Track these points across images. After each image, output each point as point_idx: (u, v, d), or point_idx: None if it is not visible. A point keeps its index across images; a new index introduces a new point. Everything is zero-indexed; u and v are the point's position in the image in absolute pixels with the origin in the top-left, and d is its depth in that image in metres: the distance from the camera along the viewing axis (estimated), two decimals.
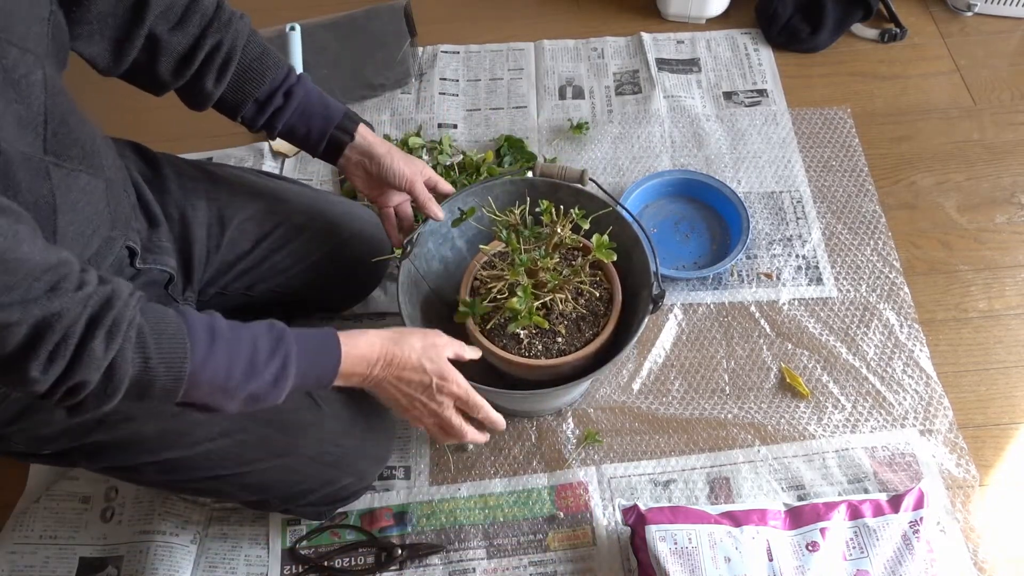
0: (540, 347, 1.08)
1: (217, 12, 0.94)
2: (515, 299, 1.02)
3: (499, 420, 1.00)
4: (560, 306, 1.07)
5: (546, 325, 1.06)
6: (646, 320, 1.05)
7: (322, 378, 0.85)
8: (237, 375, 0.76)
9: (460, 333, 1.06)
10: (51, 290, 0.65)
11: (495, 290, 1.05)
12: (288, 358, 0.79)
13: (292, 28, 1.72)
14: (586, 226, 1.07)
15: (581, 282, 1.08)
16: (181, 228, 1.06)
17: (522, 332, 1.08)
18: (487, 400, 0.99)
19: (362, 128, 1.06)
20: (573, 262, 1.13)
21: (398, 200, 1.13)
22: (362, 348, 0.87)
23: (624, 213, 1.14)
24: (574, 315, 1.10)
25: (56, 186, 0.76)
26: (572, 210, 1.07)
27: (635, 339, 1.04)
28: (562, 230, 1.06)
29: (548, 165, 1.22)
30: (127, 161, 1.02)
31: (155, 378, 0.72)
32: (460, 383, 0.94)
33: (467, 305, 1.08)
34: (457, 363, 0.96)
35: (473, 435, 1.00)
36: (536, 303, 1.05)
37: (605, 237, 1.05)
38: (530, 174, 1.25)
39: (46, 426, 0.89)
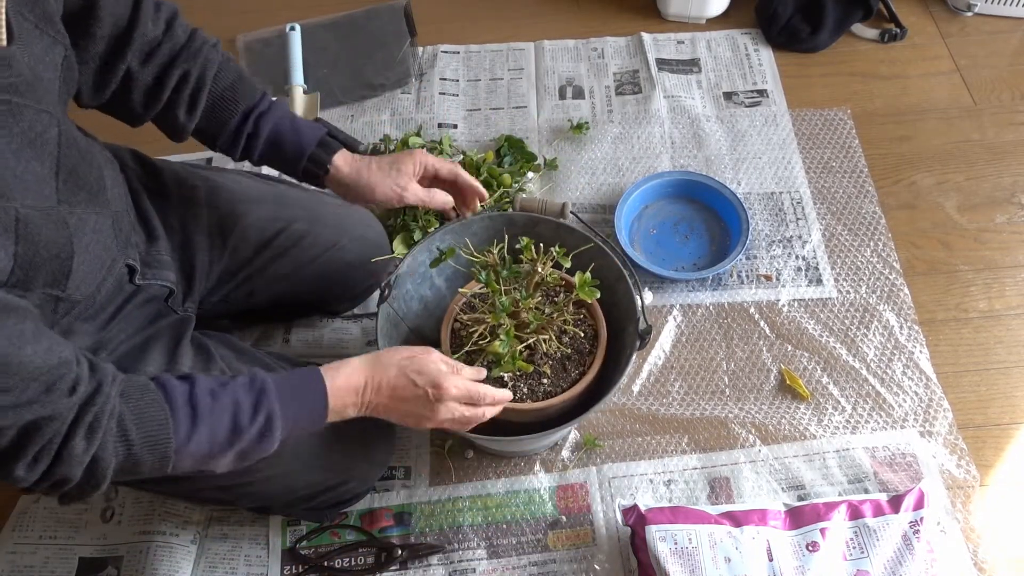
0: (525, 389, 1.04)
1: (188, 42, 0.93)
2: (497, 343, 0.98)
3: (506, 396, 0.97)
4: (544, 346, 1.03)
5: (530, 369, 1.02)
6: (633, 357, 1.03)
7: (314, 418, 0.85)
8: (221, 441, 0.78)
9: None
10: (45, 392, 0.66)
11: (476, 334, 1.01)
12: (272, 412, 0.80)
13: (292, 28, 1.72)
14: (567, 264, 1.03)
15: (565, 321, 1.04)
16: (182, 238, 1.05)
17: (506, 376, 1.03)
18: (475, 444, 0.99)
19: (337, 159, 1.01)
20: (556, 299, 1.09)
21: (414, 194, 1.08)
22: (345, 378, 0.86)
23: (607, 248, 1.10)
24: (559, 355, 1.06)
25: (73, 232, 0.77)
26: (553, 248, 1.03)
27: (624, 376, 1.01)
28: (543, 268, 1.02)
29: (528, 199, 1.19)
30: (128, 172, 1.02)
31: (140, 461, 0.73)
32: (457, 385, 0.91)
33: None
34: None
35: (492, 410, 0.96)
36: (519, 345, 1.01)
37: (587, 275, 1.00)
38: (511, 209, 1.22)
39: None
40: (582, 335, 1.08)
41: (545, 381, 1.05)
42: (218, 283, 1.11)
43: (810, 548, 1.04)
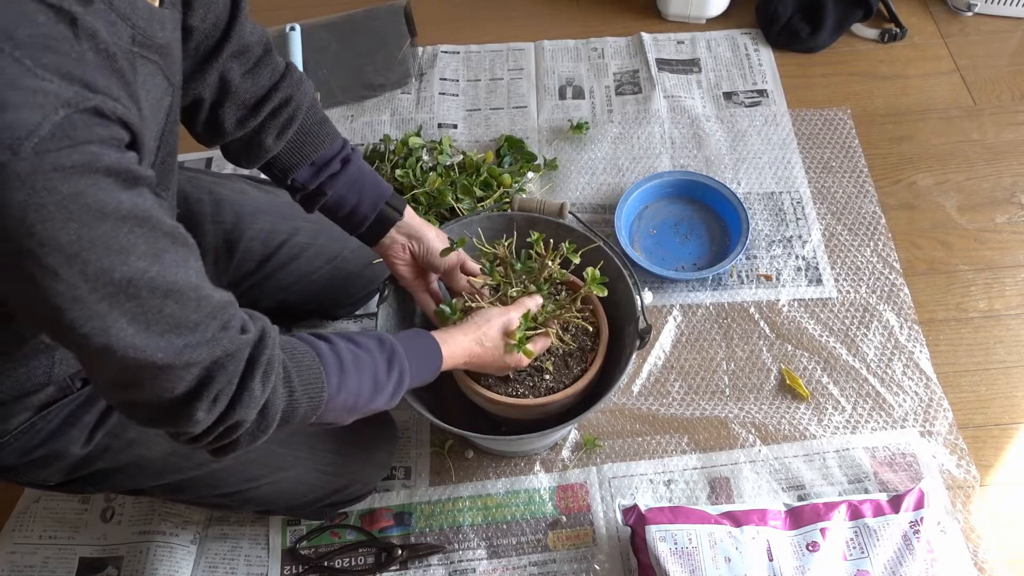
0: (529, 384, 1.05)
1: (288, 69, 0.93)
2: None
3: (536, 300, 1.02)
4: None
5: (531, 355, 1.00)
6: (633, 356, 1.03)
7: (425, 381, 0.89)
8: (365, 395, 0.80)
9: None
10: (223, 329, 0.64)
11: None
12: (403, 372, 0.83)
13: (292, 28, 1.72)
14: (577, 260, 1.02)
15: (572, 316, 1.04)
16: None
17: (511, 373, 1.04)
18: (475, 444, 1.02)
19: (408, 208, 1.03)
20: (557, 296, 1.08)
21: (434, 280, 1.09)
22: (456, 354, 0.92)
23: (607, 248, 1.11)
24: (561, 351, 1.07)
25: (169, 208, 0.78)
26: (563, 244, 1.03)
27: (624, 376, 1.02)
28: (552, 263, 1.03)
29: (527, 199, 1.18)
30: None
31: (297, 408, 0.73)
32: (533, 353, 0.99)
33: (448, 306, 1.02)
34: (452, 407, 1.03)
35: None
36: (532, 333, 1.00)
37: (597, 271, 1.01)
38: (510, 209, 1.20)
39: (58, 460, 0.88)
40: (585, 332, 1.08)
41: (547, 377, 1.05)
42: None
43: (810, 548, 1.04)
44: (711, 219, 1.46)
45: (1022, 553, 1.11)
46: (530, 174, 1.51)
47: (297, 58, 1.68)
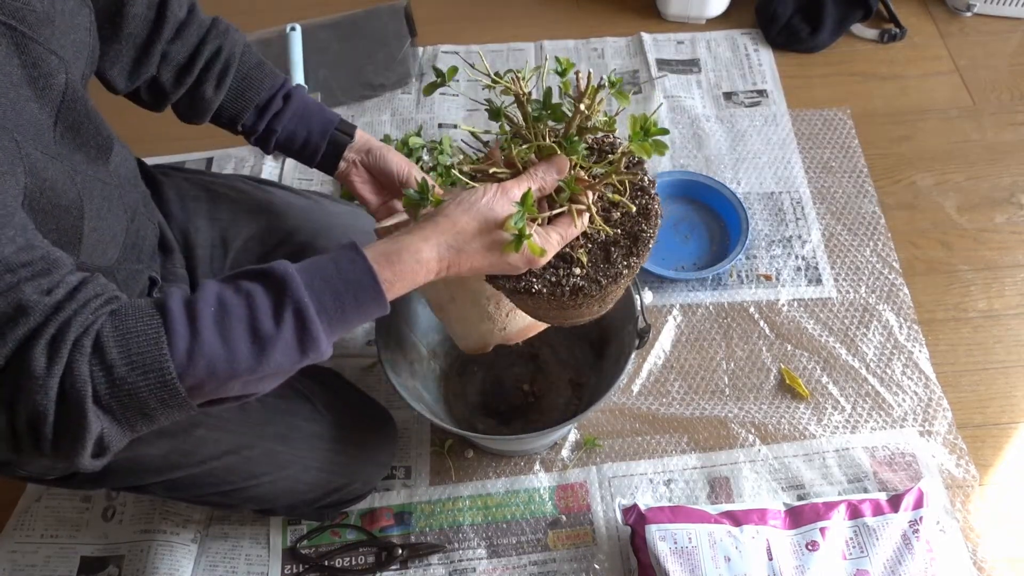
0: (551, 279, 0.76)
1: (214, 22, 0.95)
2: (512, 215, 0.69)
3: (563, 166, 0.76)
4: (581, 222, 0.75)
5: (540, 253, 0.71)
6: (633, 355, 1.02)
7: (365, 317, 0.68)
8: (243, 355, 0.62)
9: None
10: (25, 282, 0.57)
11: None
12: (303, 313, 0.63)
13: (292, 28, 1.72)
14: (627, 102, 0.71)
15: (620, 183, 0.76)
16: (184, 251, 1.05)
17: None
18: (475, 444, 0.97)
19: (358, 130, 1.04)
20: (603, 158, 0.80)
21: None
22: (410, 270, 0.69)
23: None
24: (602, 237, 0.78)
25: (81, 190, 0.74)
26: (606, 75, 0.73)
27: (623, 375, 1.01)
28: (592, 105, 0.73)
29: None
30: None
31: (135, 390, 0.59)
32: (544, 251, 0.72)
33: (420, 189, 0.74)
34: (452, 407, 0.92)
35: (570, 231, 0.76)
36: (546, 215, 0.74)
37: (653, 117, 0.70)
38: None
39: None
40: (634, 211, 0.78)
41: (578, 272, 0.76)
42: None
43: (810, 547, 1.04)
44: (711, 219, 1.46)
45: (1021, 552, 1.11)
46: None
47: (297, 58, 1.68)
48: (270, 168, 1.58)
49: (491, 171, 0.75)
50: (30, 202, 0.65)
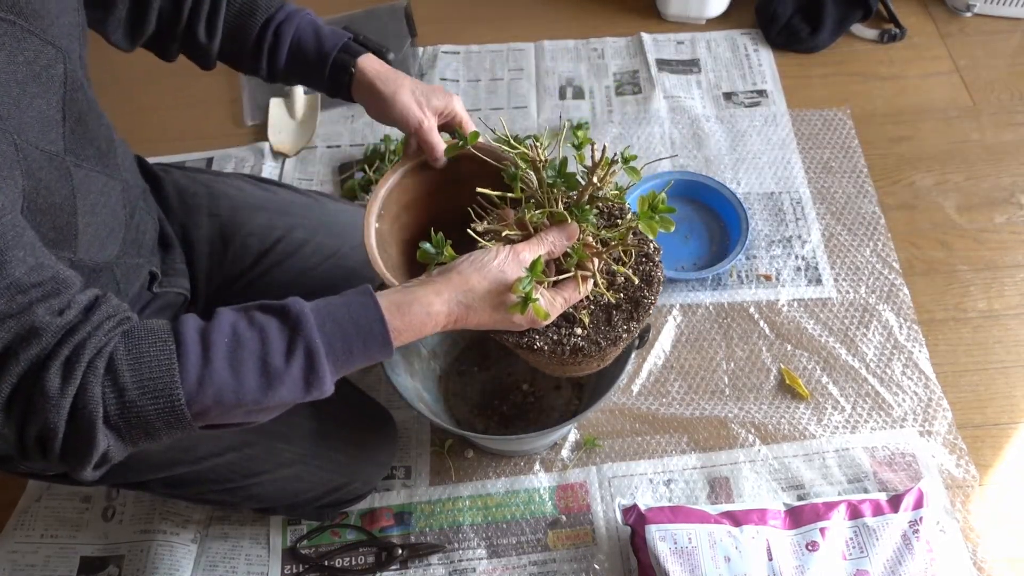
0: (552, 337, 0.81)
1: None
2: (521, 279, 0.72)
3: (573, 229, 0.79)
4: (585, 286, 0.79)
5: (544, 316, 0.75)
6: (633, 355, 1.02)
7: (370, 359, 0.70)
8: (251, 388, 0.63)
9: None
10: (37, 303, 0.59)
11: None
12: (313, 354, 0.65)
13: None
14: (638, 177, 0.77)
15: (624, 253, 0.80)
16: (184, 246, 1.05)
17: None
18: (475, 444, 0.96)
19: (362, 62, 0.92)
20: (603, 226, 0.83)
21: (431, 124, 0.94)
22: (419, 322, 0.70)
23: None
24: (604, 301, 0.82)
25: (76, 188, 0.74)
26: (620, 151, 0.77)
27: (623, 375, 1.00)
28: (604, 176, 0.76)
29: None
30: None
31: (144, 414, 0.60)
32: (547, 314, 0.75)
33: (434, 241, 0.78)
34: (452, 407, 0.90)
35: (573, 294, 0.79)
36: (552, 279, 0.76)
37: (662, 194, 0.73)
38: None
39: None
40: (636, 281, 0.82)
41: (579, 332, 0.80)
42: (218, 290, 1.11)
43: (810, 547, 1.04)
44: (711, 219, 1.46)
45: (1021, 552, 1.11)
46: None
47: None
48: (270, 168, 1.58)
49: (504, 233, 0.78)
50: (28, 203, 0.65)
